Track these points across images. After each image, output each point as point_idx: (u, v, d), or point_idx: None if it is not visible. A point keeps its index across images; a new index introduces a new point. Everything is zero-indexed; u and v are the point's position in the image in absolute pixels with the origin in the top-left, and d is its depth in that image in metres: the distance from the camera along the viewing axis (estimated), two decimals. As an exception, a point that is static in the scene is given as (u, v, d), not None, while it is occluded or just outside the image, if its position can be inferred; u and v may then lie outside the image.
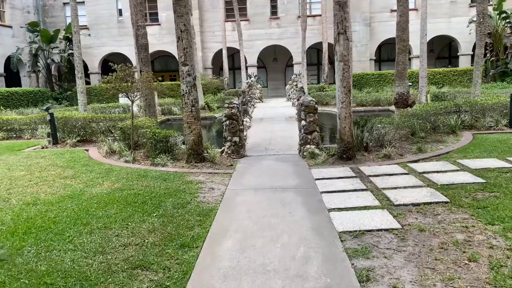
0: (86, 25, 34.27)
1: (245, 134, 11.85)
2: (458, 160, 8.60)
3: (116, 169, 9.20)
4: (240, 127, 10.33)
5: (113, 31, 34.49)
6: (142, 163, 9.80)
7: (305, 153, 9.81)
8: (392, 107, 21.05)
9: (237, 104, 10.25)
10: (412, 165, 8.39)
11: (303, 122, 9.97)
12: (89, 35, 33.88)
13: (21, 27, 32.08)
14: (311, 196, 6.73)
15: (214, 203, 6.51)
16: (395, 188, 6.87)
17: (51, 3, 35.16)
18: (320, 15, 32.09)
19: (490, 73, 29.36)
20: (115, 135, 11.85)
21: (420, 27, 20.30)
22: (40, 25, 31.88)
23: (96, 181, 8.05)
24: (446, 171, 7.75)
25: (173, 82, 32.55)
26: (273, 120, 14.43)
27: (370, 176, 7.78)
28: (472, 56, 32.83)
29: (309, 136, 9.93)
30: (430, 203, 6.00)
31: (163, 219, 5.76)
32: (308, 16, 30.30)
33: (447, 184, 6.87)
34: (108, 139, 11.56)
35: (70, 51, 33.87)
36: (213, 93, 30.08)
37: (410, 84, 27.70)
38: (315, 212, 5.89)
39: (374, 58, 33.89)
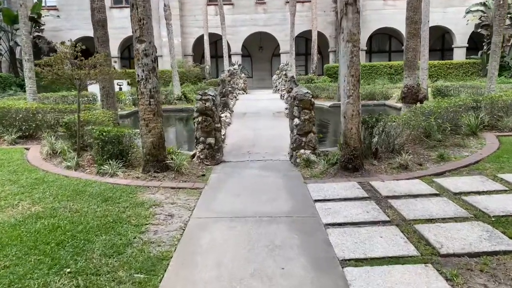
0: (55, 6, 31.41)
1: (223, 133, 9.66)
2: (497, 174, 6.61)
3: (50, 179, 6.93)
4: (217, 125, 8.13)
5: (86, 13, 31.45)
6: (88, 170, 7.54)
7: (298, 160, 7.70)
8: (390, 101, 19.16)
9: (212, 95, 8.04)
10: (439, 180, 6.37)
11: (296, 121, 7.84)
12: (58, 16, 30.94)
13: (-19, 5, 28.96)
14: (312, 233, 4.61)
15: (168, 245, 4.34)
16: (430, 220, 4.81)
17: (16, -20, 31.99)
18: (310, 1, 29.90)
19: (486, 67, 27.73)
20: (60, 132, 9.51)
21: (422, 12, 18.25)
22: (1, 4, 28.78)
23: (11, 200, 5.78)
24: (490, 192, 5.73)
25: (150, 70, 30.01)
26: (258, 116, 12.29)
27: (388, 197, 5.72)
28: (467, 48, 31.21)
29: (304, 139, 7.81)
30: (496, 252, 3.95)
31: (78, 281, 3.56)
32: (297, 2, 28.04)
33: (504, 216, 4.84)
34: (51, 137, 9.22)
35: (37, 33, 30.98)
36: (193, 82, 27.69)
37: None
38: (322, 269, 3.78)
39: (365, 49, 31.89)
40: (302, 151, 7.80)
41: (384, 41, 34.77)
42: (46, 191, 6.18)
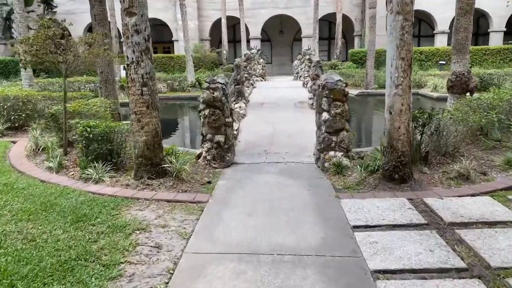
0: (69, -13, 30.23)
1: (236, 128, 8.21)
2: None
3: (20, 185, 5.64)
4: (227, 119, 6.68)
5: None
6: (71, 173, 6.22)
7: (326, 164, 6.21)
8: (424, 90, 17.33)
9: (222, 83, 6.58)
10: (517, 199, 4.81)
11: (325, 115, 6.32)
12: (73, -1, 29.80)
13: (-9, -13, 28.02)
14: None
15: (143, 306, 2.96)
16: (529, 270, 3.28)
17: (28, -39, 30.88)
18: (335, -19, 27.87)
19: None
20: (47, 124, 8.22)
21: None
22: (11, -15, 27.70)
23: (-42, 218, 4.49)
24: None
25: (165, 55, 28.73)
26: (277, 107, 10.78)
27: (454, 224, 4.19)
28: (505, 33, 28.78)
29: (334, 138, 6.29)
30: None
31: None
32: (321, -19, 26.11)
33: None
34: (37, 130, 7.95)
35: (49, 16, 29.97)
36: (209, 68, 26.23)
37: (443, 63, 23.88)
38: None
39: (393, 33, 29.63)
40: (332, 153, 6.30)
41: (413, 25, 32.41)
42: (8, 204, 4.88)
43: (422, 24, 32.13)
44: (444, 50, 26.08)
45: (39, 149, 7.44)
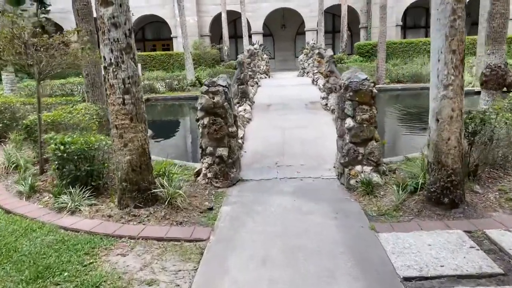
0: (62, -15, 29.05)
1: (241, 136, 7.11)
2: None
3: (-24, 218, 4.58)
4: (231, 129, 5.58)
5: (93, -8, 29.22)
6: (45, 198, 5.14)
7: (352, 182, 5.12)
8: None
9: (224, 86, 5.47)
10: None
11: (349, 122, 5.20)
12: (65, -4, 28.64)
13: (-18, -14, 26.90)
14: None
15: None
16: None
17: (20, -42, 29.76)
18: (339, -29, 26.63)
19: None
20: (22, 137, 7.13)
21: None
22: (2, -17, 26.60)
23: None
24: None
25: (164, 52, 27.60)
26: (287, 108, 9.54)
27: (541, 274, 3.10)
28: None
29: (361, 149, 5.18)
30: None
31: None
32: (325, -29, 24.87)
33: None
34: (10, 144, 6.88)
35: (43, 16, 28.92)
36: (210, 65, 25.09)
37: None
38: None
39: (401, 24, 28.49)
40: (358, 168, 5.19)
41: (420, 15, 31.26)
42: (-48, 251, 3.81)
43: (429, 14, 30.80)
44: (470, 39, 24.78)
45: (11, 167, 6.37)
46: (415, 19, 31.36)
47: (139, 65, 20.34)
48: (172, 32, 28.39)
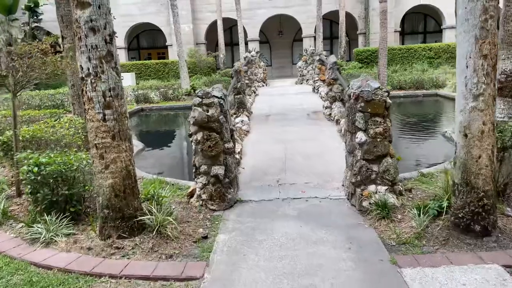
0: (54, -7, 28.50)
1: (238, 150, 6.52)
2: None
3: None
4: (227, 145, 5.01)
5: (86, 0, 28.70)
6: (19, 226, 4.54)
7: (365, 203, 4.54)
8: (445, 91, 15.63)
9: (219, 97, 4.91)
10: None
11: (360, 136, 4.64)
12: (58, 4, 28.09)
13: (-28, -6, 26.35)
14: None
15: None
16: None
17: (12, -33, 29.28)
18: (336, -23, 26.26)
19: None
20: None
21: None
22: (-7, -8, 26.03)
23: None
24: None
25: (159, 61, 27.12)
26: (287, 119, 9.00)
27: None
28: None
29: (375, 167, 4.62)
30: None
31: None
32: (322, -23, 24.48)
33: None
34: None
35: (35, 24, 28.41)
36: (206, 73, 24.61)
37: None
38: None
39: (399, 29, 28.12)
40: (372, 187, 4.62)
41: (419, 21, 30.96)
42: None
43: (429, 20, 30.64)
44: (455, 46, 24.43)
45: (-14, 189, 5.76)
46: (413, 25, 31.08)
47: (133, 74, 19.88)
48: (167, 40, 27.94)
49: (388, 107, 4.65)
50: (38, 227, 4.17)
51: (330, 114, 8.53)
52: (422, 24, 30.94)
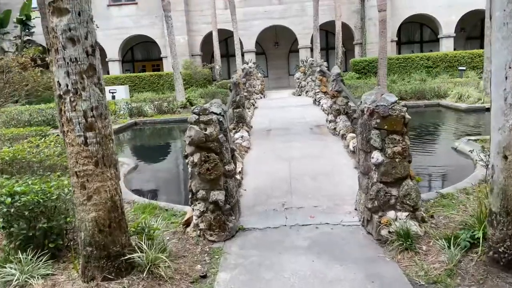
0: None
1: (239, 169, 6.00)
2: None
3: None
4: (227, 167, 4.50)
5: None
6: (-8, 264, 3.98)
7: (384, 232, 4.03)
8: (447, 101, 15.19)
9: (218, 114, 4.41)
10: None
11: (377, 156, 4.13)
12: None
13: (-38, 8, 25.92)
14: None
15: None
16: None
17: (3, -20, 28.96)
18: (332, -12, 26.08)
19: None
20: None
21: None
22: (-16, 6, 25.61)
23: None
24: None
25: (153, 73, 26.71)
26: (289, 133, 8.43)
27: None
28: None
29: (395, 191, 4.11)
30: None
31: None
32: (317, -12, 24.23)
33: None
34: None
35: (27, 37, 27.94)
36: (202, 85, 24.21)
37: (464, 69, 21.87)
38: None
39: (396, 39, 27.90)
40: (391, 214, 4.11)
41: (415, 31, 30.84)
42: None
43: (425, 29, 30.55)
44: (452, 55, 24.29)
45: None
46: (410, 34, 30.96)
47: (126, 87, 19.33)
48: (162, 52, 27.57)
49: (407, 123, 4.16)
50: (10, 268, 3.61)
51: (334, 128, 8.04)
52: (418, 33, 30.83)
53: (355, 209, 4.81)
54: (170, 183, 8.32)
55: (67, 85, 3.21)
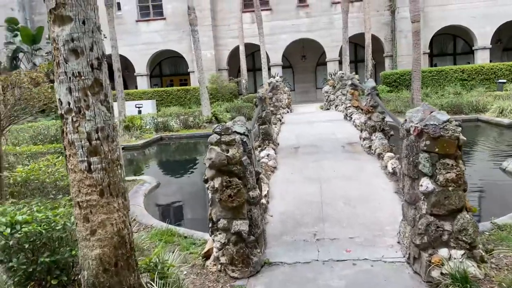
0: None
1: (265, 191, 5.48)
2: None
3: None
4: (252, 193, 4.01)
5: (108, 28, 28.83)
6: (-8, 299, 3.60)
7: (435, 273, 3.41)
8: (487, 116, 14.26)
9: (241, 134, 3.95)
10: None
11: (426, 184, 3.54)
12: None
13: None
14: None
15: None
16: None
17: (38, -3, 29.85)
18: (361, 0, 25.56)
19: None
20: None
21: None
22: (18, 22, 26.36)
23: None
24: None
25: (180, 88, 26.73)
26: (319, 152, 7.78)
27: None
28: None
29: (448, 226, 3.50)
30: None
31: None
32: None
33: None
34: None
35: (59, 54, 28.34)
36: (228, 99, 23.98)
37: (504, 81, 20.71)
38: None
39: (428, 51, 26.96)
40: (444, 251, 3.50)
41: (447, 43, 29.81)
42: None
43: (458, 41, 29.49)
44: (489, 68, 23.19)
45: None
46: (442, 46, 29.94)
47: (153, 102, 19.28)
48: (189, 66, 27.62)
49: (461, 145, 3.56)
50: (8, 308, 3.21)
51: (369, 146, 7.43)
52: (451, 45, 29.78)
53: (398, 242, 4.20)
54: (192, 204, 7.89)
55: (69, 103, 2.81)
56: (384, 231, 4.48)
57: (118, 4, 28.13)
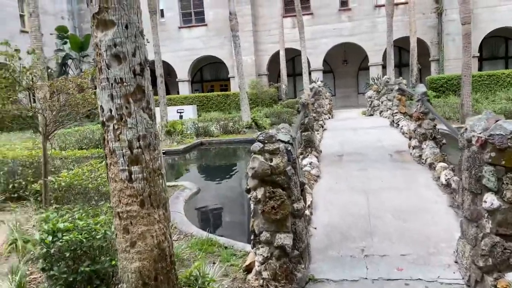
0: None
1: (308, 202, 5.23)
2: None
3: None
4: (295, 205, 3.80)
5: (151, 35, 29.51)
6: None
7: (502, 301, 3.05)
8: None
9: (286, 142, 3.76)
10: None
11: (491, 200, 3.19)
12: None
13: (50, 34, 28.01)
14: None
15: None
16: None
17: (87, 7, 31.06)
18: (406, 3, 24.79)
19: None
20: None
21: None
22: (68, 30, 27.52)
23: None
24: None
25: (221, 93, 26.93)
26: (365, 160, 7.48)
27: None
28: None
29: (517, 248, 3.13)
30: None
31: None
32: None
33: None
34: (17, 214, 5.54)
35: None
36: (268, 104, 23.88)
37: None
38: None
39: (477, 55, 25.66)
40: (511, 276, 3.13)
41: (498, 45, 28.27)
42: None
43: (509, 43, 27.92)
44: None
45: (15, 247, 4.96)
46: (494, 49, 28.44)
47: (194, 107, 19.47)
48: (229, 72, 27.80)
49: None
50: (48, 317, 3.17)
51: (420, 155, 7.01)
52: (502, 48, 28.23)
53: (456, 262, 3.85)
54: (233, 210, 7.76)
55: (110, 110, 2.73)
56: (439, 249, 4.13)
57: (162, 11, 28.78)
